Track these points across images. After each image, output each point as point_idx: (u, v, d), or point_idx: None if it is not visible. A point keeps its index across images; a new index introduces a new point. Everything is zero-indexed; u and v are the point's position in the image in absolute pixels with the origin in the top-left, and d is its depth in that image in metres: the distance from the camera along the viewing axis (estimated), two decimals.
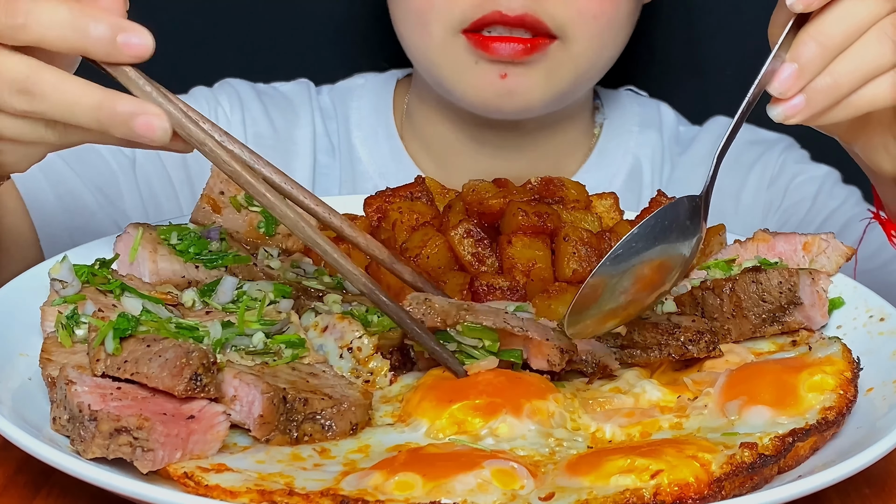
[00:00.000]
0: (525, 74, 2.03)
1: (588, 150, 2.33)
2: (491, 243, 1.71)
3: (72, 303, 1.47)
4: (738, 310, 1.57)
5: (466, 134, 2.24)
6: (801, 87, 1.35)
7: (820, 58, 1.35)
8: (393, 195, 1.81)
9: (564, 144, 2.29)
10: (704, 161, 2.35)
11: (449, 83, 2.08)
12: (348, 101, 2.36)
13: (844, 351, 1.48)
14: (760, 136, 2.34)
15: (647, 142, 2.33)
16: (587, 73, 2.11)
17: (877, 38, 1.35)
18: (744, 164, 2.32)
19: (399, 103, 2.36)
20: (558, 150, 2.28)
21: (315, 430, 1.33)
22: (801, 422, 1.36)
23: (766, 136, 2.35)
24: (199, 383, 1.28)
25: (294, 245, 1.76)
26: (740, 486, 1.27)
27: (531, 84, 2.04)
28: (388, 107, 2.35)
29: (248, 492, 1.22)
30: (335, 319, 1.49)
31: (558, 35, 2.02)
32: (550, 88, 2.06)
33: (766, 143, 2.33)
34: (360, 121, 2.34)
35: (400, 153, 2.30)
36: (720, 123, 2.37)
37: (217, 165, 1.35)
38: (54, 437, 1.30)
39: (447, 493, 1.23)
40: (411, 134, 2.32)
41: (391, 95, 2.36)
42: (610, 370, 1.48)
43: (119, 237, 1.65)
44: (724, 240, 1.77)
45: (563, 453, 1.33)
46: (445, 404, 1.38)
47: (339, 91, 2.39)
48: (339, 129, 2.35)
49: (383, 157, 2.31)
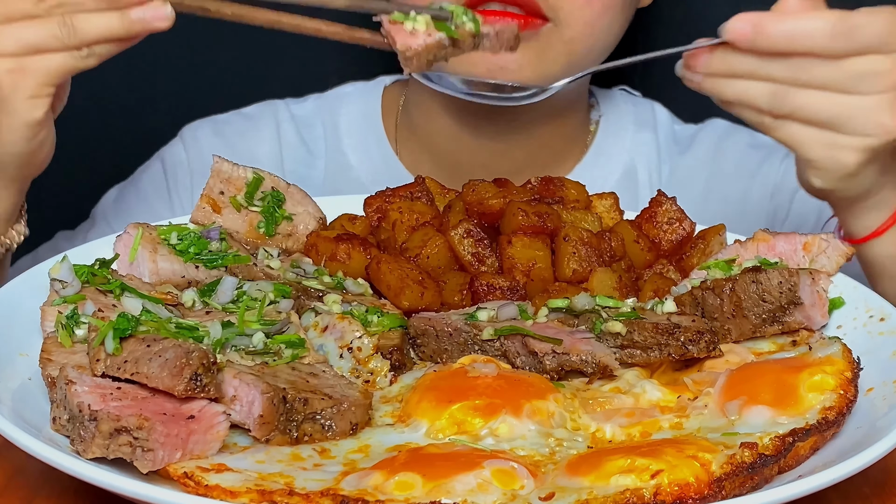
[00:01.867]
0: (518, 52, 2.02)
1: (584, 146, 2.33)
2: (491, 243, 1.71)
3: (72, 303, 1.47)
4: (738, 310, 1.57)
5: (465, 126, 2.23)
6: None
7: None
8: (393, 195, 1.81)
9: (561, 139, 2.29)
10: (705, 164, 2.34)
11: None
12: (337, 109, 2.37)
13: (844, 351, 1.48)
14: (759, 141, 2.33)
15: (642, 141, 2.33)
16: (581, 59, 2.09)
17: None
18: (745, 170, 2.32)
19: (390, 107, 2.36)
20: (555, 145, 2.28)
21: (315, 430, 1.33)
22: (802, 422, 1.36)
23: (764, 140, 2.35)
24: (199, 383, 1.27)
25: (294, 245, 1.76)
26: (740, 486, 1.27)
27: (523, 61, 2.04)
28: (376, 112, 2.35)
29: (248, 492, 1.22)
30: (335, 319, 1.49)
31: (550, 17, 2.03)
32: (542, 68, 2.05)
33: (766, 147, 2.32)
34: (350, 128, 2.35)
35: (391, 158, 2.30)
36: (718, 126, 2.37)
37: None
38: (54, 437, 1.30)
39: (447, 493, 1.23)
40: (408, 133, 2.32)
41: (380, 101, 2.37)
42: (610, 370, 1.48)
43: (119, 237, 1.65)
44: (724, 240, 1.77)
45: (563, 453, 1.33)
46: (445, 404, 1.38)
47: (328, 99, 2.40)
48: (325, 136, 2.36)
49: (374, 163, 2.31)
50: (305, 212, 1.78)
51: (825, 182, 1.65)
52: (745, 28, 1.55)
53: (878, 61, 1.54)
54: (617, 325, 1.51)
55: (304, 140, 2.36)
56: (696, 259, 1.74)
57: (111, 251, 1.64)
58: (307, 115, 2.39)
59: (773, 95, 1.58)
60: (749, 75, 1.58)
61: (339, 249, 1.68)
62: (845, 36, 1.53)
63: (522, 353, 1.50)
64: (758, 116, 1.61)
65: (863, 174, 1.64)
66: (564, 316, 1.57)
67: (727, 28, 1.56)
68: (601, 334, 1.52)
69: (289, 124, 2.36)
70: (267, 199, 1.76)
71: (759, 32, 1.54)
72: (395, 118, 2.36)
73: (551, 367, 1.47)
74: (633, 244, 1.74)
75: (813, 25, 1.53)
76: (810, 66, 1.55)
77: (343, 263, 1.68)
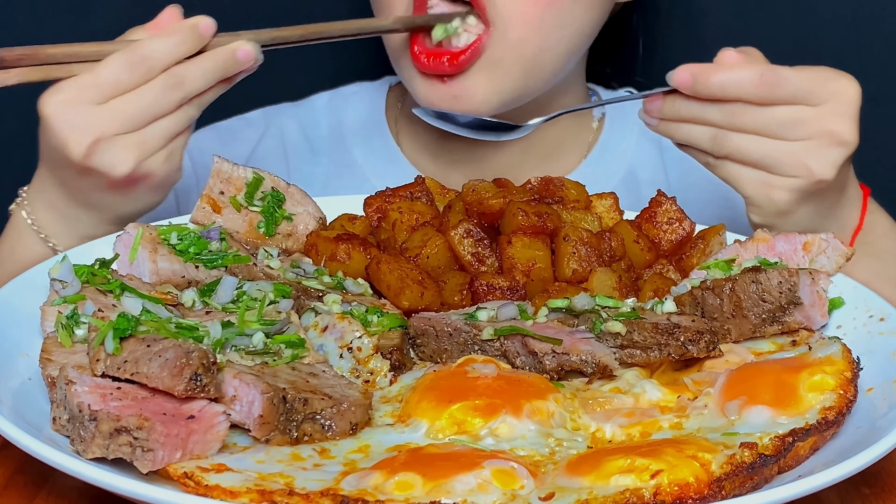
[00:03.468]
0: (464, 79, 2.02)
1: (586, 147, 2.32)
2: (491, 243, 1.71)
3: (72, 303, 1.47)
4: (738, 310, 1.57)
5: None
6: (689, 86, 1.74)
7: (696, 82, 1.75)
8: (393, 195, 1.82)
9: (560, 140, 2.28)
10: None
11: (409, 89, 2.10)
12: (343, 108, 2.38)
13: (844, 351, 1.48)
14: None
15: (647, 142, 2.33)
16: (537, 61, 2.06)
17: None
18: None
19: (393, 107, 2.37)
20: (554, 146, 2.27)
21: (315, 430, 1.33)
22: (801, 422, 1.36)
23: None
24: (199, 383, 1.28)
25: (294, 245, 1.76)
26: (740, 485, 1.27)
27: (472, 86, 2.02)
28: (381, 112, 2.36)
29: (248, 492, 1.22)
30: (335, 319, 1.49)
31: (491, 19, 1.99)
32: (495, 86, 2.03)
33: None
34: (356, 126, 2.35)
35: (396, 156, 2.30)
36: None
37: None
38: (54, 437, 1.30)
39: (447, 493, 1.23)
40: (408, 135, 2.33)
41: (384, 101, 2.38)
42: (610, 370, 1.48)
43: (119, 237, 1.65)
44: (724, 240, 1.77)
45: (563, 453, 1.33)
46: (445, 404, 1.38)
47: (337, 97, 2.41)
48: (330, 135, 2.36)
49: (380, 161, 2.31)
50: (305, 212, 1.78)
51: (762, 218, 1.80)
52: (686, 76, 1.73)
53: (804, 111, 1.72)
54: (617, 325, 1.51)
55: (308, 138, 2.37)
56: (695, 259, 1.74)
57: (111, 251, 1.64)
58: (312, 114, 2.39)
59: (713, 138, 1.76)
60: (693, 119, 1.77)
61: (339, 249, 1.68)
62: (772, 85, 1.71)
63: (522, 353, 1.50)
64: (703, 157, 1.80)
65: (797, 213, 1.79)
66: (564, 316, 1.57)
67: (672, 75, 1.75)
68: (601, 334, 1.52)
69: (292, 126, 2.37)
70: (267, 199, 1.76)
71: (697, 80, 1.73)
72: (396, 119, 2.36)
73: (551, 367, 1.47)
74: (633, 244, 1.74)
75: (742, 75, 1.72)
76: (743, 112, 1.73)
77: (343, 263, 1.68)
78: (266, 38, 1.82)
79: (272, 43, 1.83)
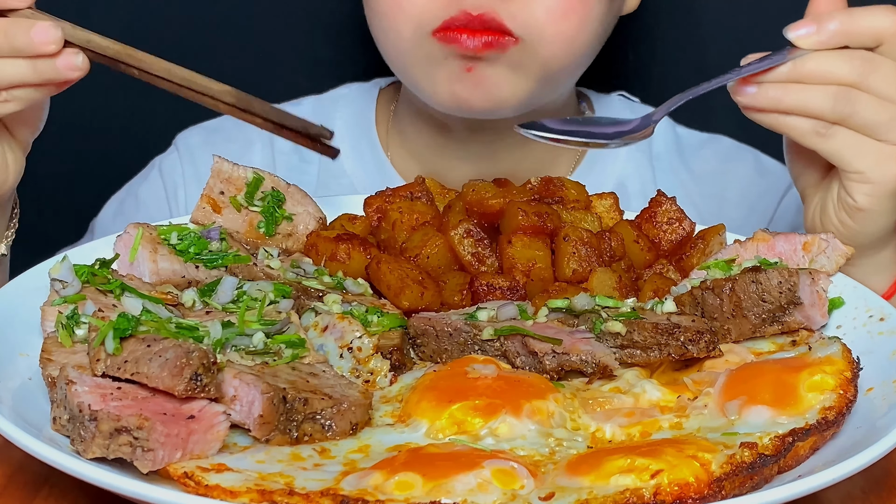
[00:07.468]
0: (490, 67, 1.99)
1: (575, 158, 2.30)
2: (491, 243, 1.71)
3: (72, 303, 1.47)
4: (738, 310, 1.57)
5: (452, 139, 2.22)
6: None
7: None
8: (393, 195, 1.82)
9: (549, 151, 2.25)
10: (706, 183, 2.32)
11: (421, 83, 2.05)
12: (332, 113, 2.35)
13: (844, 351, 1.48)
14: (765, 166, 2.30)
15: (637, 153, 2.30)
16: (558, 73, 2.05)
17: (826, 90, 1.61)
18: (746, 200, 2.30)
19: (383, 112, 2.35)
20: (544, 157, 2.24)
21: (315, 429, 1.33)
22: (801, 421, 1.36)
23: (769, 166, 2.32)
24: (199, 383, 1.28)
25: (294, 245, 1.76)
26: (740, 485, 1.27)
27: (497, 77, 1.98)
28: (370, 117, 2.33)
29: (248, 492, 1.22)
30: (335, 319, 1.49)
31: (520, 35, 1.95)
32: (518, 83, 2.00)
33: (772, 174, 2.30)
34: (344, 131, 2.32)
35: (383, 164, 2.28)
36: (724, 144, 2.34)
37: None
38: (54, 437, 1.30)
39: (447, 493, 1.23)
40: (398, 141, 2.31)
41: (374, 105, 2.35)
42: (610, 370, 1.48)
43: (119, 237, 1.65)
44: (724, 240, 1.77)
45: (563, 453, 1.33)
46: (445, 404, 1.38)
47: (324, 101, 2.37)
48: None
49: (367, 168, 2.29)
50: (305, 212, 1.78)
51: (868, 200, 1.67)
52: (810, 25, 1.61)
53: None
54: (617, 325, 1.51)
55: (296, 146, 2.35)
56: (695, 259, 1.74)
57: (111, 251, 1.64)
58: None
59: (835, 96, 1.60)
60: (820, 78, 1.61)
61: (339, 249, 1.68)
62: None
63: (522, 353, 1.50)
64: (811, 127, 1.63)
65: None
66: (564, 316, 1.57)
67: (790, 28, 1.62)
68: (601, 334, 1.52)
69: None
70: (267, 199, 1.76)
71: (824, 29, 1.60)
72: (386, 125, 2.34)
73: (551, 367, 1.47)
74: (633, 244, 1.74)
75: (882, 18, 1.59)
76: (881, 64, 1.59)
77: (343, 263, 1.68)
78: (81, 37, 1.59)
79: (88, 47, 1.60)
